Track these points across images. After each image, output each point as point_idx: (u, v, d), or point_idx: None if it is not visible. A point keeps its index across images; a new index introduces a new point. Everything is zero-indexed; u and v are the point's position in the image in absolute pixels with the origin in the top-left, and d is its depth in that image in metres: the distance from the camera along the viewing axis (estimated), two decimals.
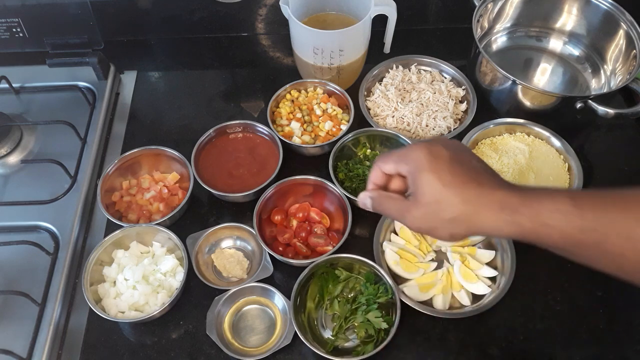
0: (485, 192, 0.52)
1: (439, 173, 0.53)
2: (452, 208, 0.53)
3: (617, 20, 0.96)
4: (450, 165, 0.53)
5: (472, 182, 0.53)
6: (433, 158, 0.54)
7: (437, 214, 0.54)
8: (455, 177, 0.53)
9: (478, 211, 0.52)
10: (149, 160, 0.90)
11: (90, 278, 0.77)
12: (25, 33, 1.02)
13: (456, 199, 0.52)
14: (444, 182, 0.53)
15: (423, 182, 0.54)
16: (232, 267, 0.82)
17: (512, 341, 0.77)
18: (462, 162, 0.54)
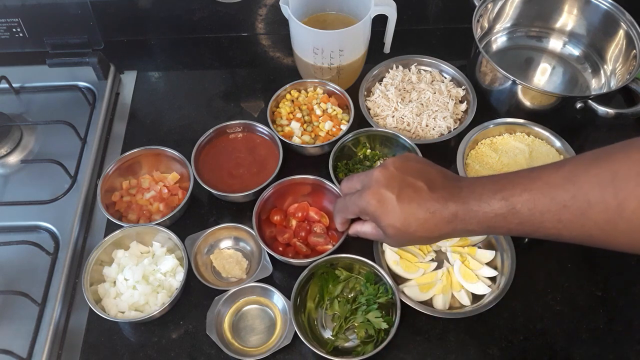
0: (436, 215, 0.59)
1: (393, 216, 0.61)
2: (415, 234, 0.61)
3: (617, 20, 0.96)
4: (399, 205, 0.60)
5: (421, 210, 0.59)
6: (382, 205, 0.61)
7: (407, 240, 0.64)
8: (407, 212, 0.60)
9: (437, 229, 0.60)
10: (149, 160, 0.90)
11: (90, 278, 0.77)
12: (25, 33, 1.02)
13: (415, 228, 0.60)
14: (399, 221, 0.60)
15: (384, 227, 0.62)
16: (231, 268, 0.82)
17: (512, 341, 0.77)
18: (408, 194, 0.60)
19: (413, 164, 0.64)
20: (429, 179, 0.61)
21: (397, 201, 0.60)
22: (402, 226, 0.60)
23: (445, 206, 0.59)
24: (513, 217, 0.55)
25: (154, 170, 0.91)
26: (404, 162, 0.64)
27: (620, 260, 0.83)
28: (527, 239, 0.86)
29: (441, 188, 0.60)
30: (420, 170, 0.62)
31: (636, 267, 0.83)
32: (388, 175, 0.62)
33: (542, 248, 0.85)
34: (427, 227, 0.60)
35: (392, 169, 0.63)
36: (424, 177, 0.61)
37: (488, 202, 0.56)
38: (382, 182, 0.62)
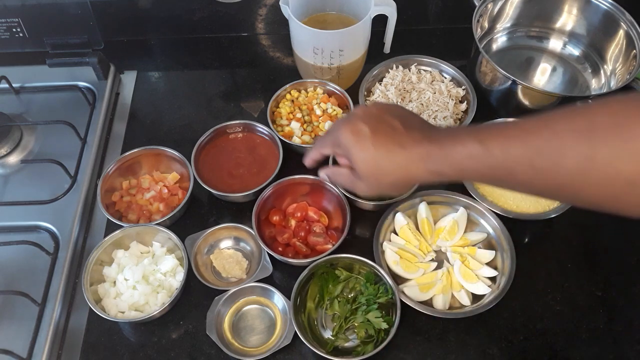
0: (409, 151, 0.58)
1: (366, 150, 0.60)
2: (387, 175, 0.60)
3: (617, 20, 0.96)
4: (373, 138, 0.60)
5: (395, 146, 0.59)
6: (357, 137, 0.61)
7: (378, 182, 0.62)
8: (380, 148, 0.59)
9: (408, 169, 0.59)
10: (149, 160, 0.90)
11: (90, 278, 0.77)
12: (25, 33, 1.02)
13: (387, 166, 0.60)
14: (371, 156, 0.60)
15: (356, 160, 0.62)
16: (231, 268, 0.82)
17: (512, 341, 0.77)
18: (384, 130, 0.60)
19: (395, 108, 0.65)
20: (407, 120, 0.61)
21: (371, 134, 0.60)
22: (374, 160, 0.60)
23: (419, 143, 0.58)
24: (486, 160, 0.54)
25: (154, 170, 0.91)
26: (386, 105, 0.65)
27: (621, 260, 0.83)
28: (527, 239, 0.86)
29: (418, 130, 0.60)
30: (400, 114, 0.62)
31: (636, 267, 0.83)
32: (367, 111, 0.63)
33: (542, 248, 0.85)
34: (399, 162, 0.59)
35: (372, 107, 0.64)
36: (402, 118, 0.61)
37: (462, 142, 0.55)
38: (360, 116, 0.62)
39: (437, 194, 0.84)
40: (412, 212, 0.85)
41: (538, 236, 0.86)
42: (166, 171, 0.91)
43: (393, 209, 0.83)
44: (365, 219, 0.85)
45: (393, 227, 0.85)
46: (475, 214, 0.84)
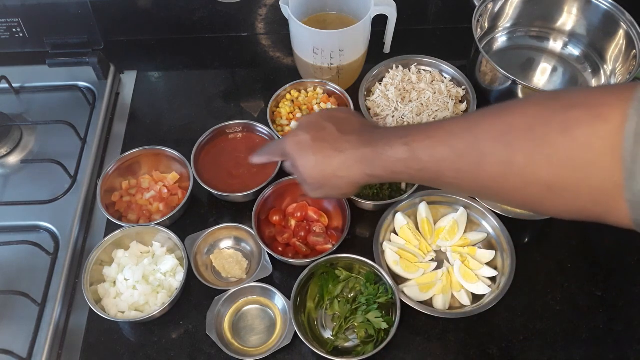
0: (346, 155, 0.61)
1: (306, 158, 0.63)
2: (327, 179, 0.63)
3: (617, 20, 0.96)
4: (312, 146, 0.63)
5: (333, 151, 0.61)
6: (298, 147, 0.64)
7: (320, 185, 0.65)
8: (319, 154, 0.62)
9: (346, 173, 0.61)
10: (149, 160, 0.90)
11: (90, 278, 0.77)
12: (25, 33, 1.02)
13: (326, 171, 0.62)
14: (312, 163, 0.63)
15: (298, 168, 0.65)
16: (231, 268, 0.82)
17: (512, 341, 0.77)
18: (322, 137, 0.63)
19: (337, 112, 0.67)
20: (346, 124, 0.63)
21: (311, 142, 0.63)
22: (315, 165, 0.62)
23: (355, 147, 0.60)
24: (414, 163, 0.55)
25: (154, 170, 0.91)
26: (330, 111, 0.68)
27: (621, 261, 0.83)
28: (527, 239, 0.86)
29: (355, 133, 0.62)
30: (339, 117, 0.65)
31: (636, 267, 0.83)
32: (310, 120, 0.66)
33: (542, 248, 0.85)
34: (337, 166, 0.61)
35: (314, 115, 0.67)
36: (341, 122, 0.63)
37: (392, 145, 0.57)
38: (303, 126, 0.65)
39: (437, 194, 0.84)
40: (412, 212, 0.85)
41: (538, 236, 0.86)
42: (166, 171, 0.91)
43: (393, 209, 0.83)
44: (365, 219, 0.85)
45: (393, 227, 0.85)
46: (475, 214, 0.84)
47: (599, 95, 0.46)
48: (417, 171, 0.56)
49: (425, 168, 0.55)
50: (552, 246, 0.85)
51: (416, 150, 0.55)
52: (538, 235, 0.86)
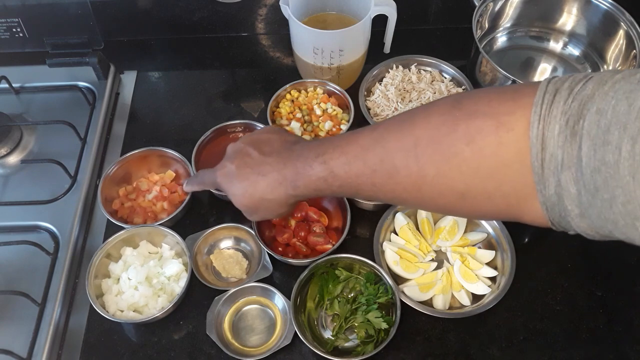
0: (268, 178, 0.61)
1: (234, 186, 0.64)
2: (257, 204, 0.64)
3: (617, 20, 0.96)
4: (237, 174, 0.63)
5: (256, 175, 0.62)
6: (226, 177, 0.65)
7: (253, 211, 0.66)
8: (244, 181, 0.63)
9: (272, 195, 0.62)
10: (149, 161, 0.90)
11: (95, 271, 0.77)
12: (25, 33, 1.02)
13: (254, 196, 0.63)
14: (240, 191, 0.64)
15: (231, 197, 0.66)
16: (231, 268, 0.82)
17: (512, 341, 0.77)
18: (245, 163, 0.63)
19: (258, 134, 0.67)
20: (267, 146, 0.63)
21: (236, 170, 0.63)
22: (243, 193, 0.63)
23: (275, 169, 0.61)
24: (333, 180, 0.56)
25: (153, 171, 0.90)
26: (252, 134, 0.67)
27: (621, 260, 0.83)
28: (527, 239, 0.86)
29: (276, 153, 0.62)
30: (260, 140, 0.65)
31: (636, 267, 0.83)
32: (235, 147, 0.66)
33: (542, 248, 0.85)
34: (262, 189, 0.61)
35: (240, 142, 0.67)
36: (261, 145, 0.64)
37: (311, 165, 0.57)
38: (229, 155, 0.66)
39: None
40: (412, 212, 0.85)
41: (538, 236, 0.86)
42: (160, 171, 0.91)
43: (393, 209, 0.83)
44: (365, 219, 0.85)
45: (393, 227, 0.85)
46: None
47: (500, 102, 0.45)
48: (338, 187, 0.56)
49: (344, 184, 0.56)
50: (552, 246, 0.85)
51: (334, 168, 0.55)
52: (538, 235, 0.86)
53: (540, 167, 0.41)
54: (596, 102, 0.39)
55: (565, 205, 0.41)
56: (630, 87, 0.37)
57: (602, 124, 0.37)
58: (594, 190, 0.38)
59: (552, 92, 0.42)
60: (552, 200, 0.42)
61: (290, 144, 0.63)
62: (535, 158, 0.42)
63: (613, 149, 0.36)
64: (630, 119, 0.36)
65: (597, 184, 0.38)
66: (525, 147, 0.42)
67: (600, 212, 0.39)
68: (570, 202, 0.41)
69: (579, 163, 0.39)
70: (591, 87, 0.40)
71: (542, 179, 0.42)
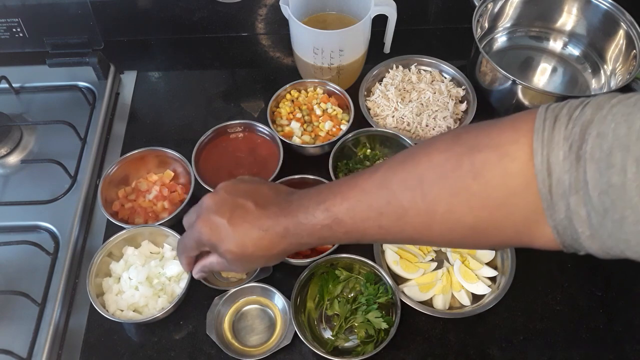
0: (269, 232, 0.58)
1: (228, 242, 0.59)
2: (254, 257, 0.60)
3: (617, 20, 0.96)
4: (231, 229, 0.58)
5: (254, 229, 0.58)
6: (216, 233, 0.59)
7: (248, 264, 0.63)
8: (241, 236, 0.58)
9: (272, 247, 0.59)
10: (149, 161, 0.90)
11: (97, 269, 0.77)
12: (25, 33, 1.02)
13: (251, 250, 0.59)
14: (235, 245, 0.59)
15: (222, 253, 0.60)
16: None
17: (512, 341, 0.77)
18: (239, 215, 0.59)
19: (243, 185, 0.62)
20: (260, 197, 0.60)
21: (229, 225, 0.58)
22: (239, 249, 0.59)
23: (277, 222, 0.57)
24: (338, 227, 0.54)
25: (152, 171, 0.90)
26: (234, 185, 0.62)
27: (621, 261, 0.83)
28: None
29: (273, 204, 0.59)
30: (250, 190, 0.61)
31: (636, 267, 0.82)
32: (218, 200, 0.61)
33: None
34: (263, 245, 0.58)
35: (222, 193, 0.61)
36: (254, 196, 0.60)
37: (313, 214, 0.55)
38: (213, 209, 0.60)
39: None
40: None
41: None
42: (159, 171, 0.91)
43: None
44: None
45: None
46: None
47: (500, 132, 0.46)
48: (343, 234, 0.55)
49: (351, 230, 0.54)
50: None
51: (337, 214, 0.54)
52: None
53: (549, 192, 0.42)
54: (596, 126, 0.39)
55: (575, 228, 0.42)
56: (628, 110, 0.38)
57: (604, 147, 0.38)
58: (603, 212, 0.39)
59: (552, 119, 0.42)
60: (563, 224, 0.42)
61: (285, 194, 0.61)
62: (543, 185, 0.42)
63: (618, 171, 0.37)
64: (631, 140, 0.36)
65: (605, 205, 0.38)
66: (531, 175, 0.42)
67: (611, 233, 0.39)
68: (580, 224, 0.41)
69: (586, 186, 0.39)
70: (589, 112, 0.40)
71: (551, 204, 0.42)
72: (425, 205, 0.48)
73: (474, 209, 0.47)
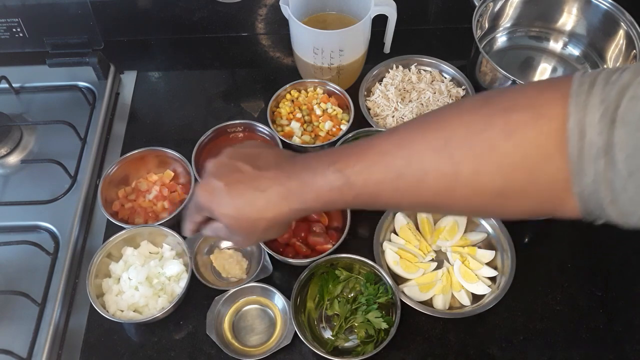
0: (268, 193, 0.55)
1: (225, 205, 0.57)
2: (254, 223, 0.57)
3: (617, 20, 0.96)
4: (228, 191, 0.56)
5: (252, 190, 0.56)
6: (212, 196, 0.57)
7: (249, 231, 0.58)
8: (237, 198, 0.56)
9: (273, 211, 0.56)
10: (149, 161, 0.90)
11: (96, 270, 0.77)
12: (25, 33, 1.02)
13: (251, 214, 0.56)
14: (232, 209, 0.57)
15: (219, 218, 0.58)
16: (231, 268, 0.82)
17: (512, 341, 0.77)
18: (237, 178, 0.57)
19: (246, 149, 0.61)
20: (261, 160, 0.58)
21: (225, 187, 0.56)
22: (236, 212, 0.56)
23: (276, 182, 0.55)
24: (349, 190, 0.52)
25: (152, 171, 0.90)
26: (236, 149, 0.61)
27: (621, 261, 0.83)
28: (527, 239, 0.86)
29: (273, 167, 0.56)
30: (251, 154, 0.59)
31: (636, 267, 0.83)
32: (218, 164, 0.59)
33: (542, 248, 0.85)
34: (260, 206, 0.55)
35: (223, 157, 0.60)
36: (254, 159, 0.58)
37: (322, 174, 0.52)
38: (213, 172, 0.59)
39: None
40: (413, 212, 0.85)
41: (538, 236, 0.86)
42: (159, 171, 0.91)
43: None
44: (365, 219, 0.85)
45: (393, 227, 0.85)
46: None
47: (537, 94, 0.44)
48: (353, 197, 0.52)
49: (361, 192, 0.51)
50: (552, 246, 0.85)
51: (350, 176, 0.51)
52: (538, 235, 0.86)
53: (578, 156, 0.41)
54: (632, 89, 0.39)
55: (600, 192, 0.41)
56: None
57: (637, 110, 0.38)
58: (627, 175, 0.38)
59: (589, 82, 0.41)
60: (589, 189, 0.41)
61: (288, 157, 0.58)
62: (573, 148, 0.41)
63: None
64: None
65: (630, 168, 0.38)
66: (563, 138, 0.41)
67: (633, 197, 0.39)
68: (605, 188, 0.40)
69: (614, 148, 0.39)
70: (628, 76, 0.40)
71: (580, 168, 0.41)
72: (450, 166, 0.46)
73: (503, 171, 0.44)
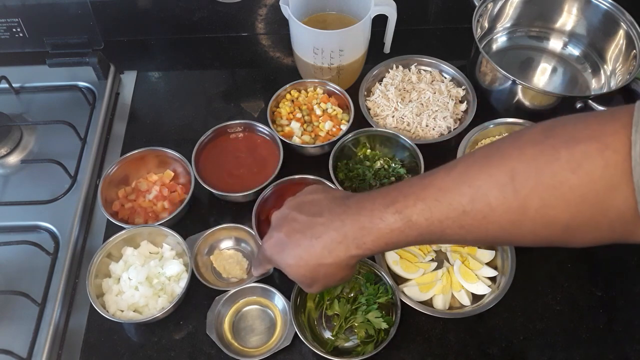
0: (323, 239, 0.56)
1: (287, 256, 0.58)
2: (315, 271, 0.57)
3: (617, 20, 0.96)
4: (288, 242, 0.58)
5: (309, 239, 0.56)
6: (277, 248, 0.59)
7: (312, 280, 0.59)
8: (297, 248, 0.57)
9: (334, 259, 0.56)
10: (149, 161, 0.90)
11: (96, 270, 0.77)
12: (25, 33, 1.02)
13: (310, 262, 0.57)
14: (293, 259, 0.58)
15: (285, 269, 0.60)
16: (232, 268, 0.82)
17: (512, 341, 0.77)
18: (295, 228, 0.58)
19: (305, 196, 0.61)
20: (315, 207, 0.58)
21: (285, 237, 0.58)
22: (296, 261, 0.57)
23: (330, 228, 0.55)
24: (411, 230, 0.51)
25: (152, 171, 0.90)
26: (295, 198, 0.62)
27: (621, 261, 0.83)
28: None
29: (327, 212, 0.57)
30: (306, 202, 0.60)
31: (636, 267, 0.83)
32: (280, 215, 0.61)
33: (542, 248, 0.84)
34: (318, 253, 0.56)
35: (284, 208, 0.61)
36: (308, 206, 0.59)
37: (381, 217, 0.52)
38: (274, 225, 0.61)
39: None
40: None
41: None
42: (159, 171, 0.91)
43: None
44: None
45: None
46: None
47: (600, 124, 0.44)
48: (416, 237, 0.52)
49: (425, 232, 0.51)
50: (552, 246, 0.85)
51: (411, 217, 0.51)
52: None
53: None
54: None
55: None
56: None
57: None
58: None
59: None
60: None
61: (341, 199, 0.58)
62: (638, 176, 0.41)
63: None
64: None
65: None
66: (629, 167, 0.41)
67: None
68: None
69: None
70: None
71: None
72: (518, 201, 0.46)
73: (572, 204, 0.44)
